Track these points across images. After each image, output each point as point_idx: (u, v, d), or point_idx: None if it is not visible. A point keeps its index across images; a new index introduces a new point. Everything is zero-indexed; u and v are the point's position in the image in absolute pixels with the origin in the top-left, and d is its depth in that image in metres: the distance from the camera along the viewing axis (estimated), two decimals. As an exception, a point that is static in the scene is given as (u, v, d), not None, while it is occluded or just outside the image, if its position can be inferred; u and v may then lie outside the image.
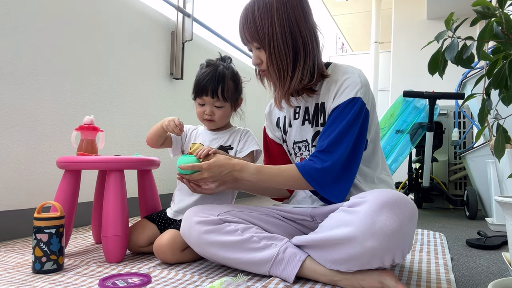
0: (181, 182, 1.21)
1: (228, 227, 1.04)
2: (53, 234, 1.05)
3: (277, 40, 1.04)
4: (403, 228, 0.86)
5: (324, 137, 1.05)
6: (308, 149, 1.16)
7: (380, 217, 0.85)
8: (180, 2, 2.52)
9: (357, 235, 0.86)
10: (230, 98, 1.32)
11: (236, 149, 1.36)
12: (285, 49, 1.04)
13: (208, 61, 1.36)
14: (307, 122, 1.15)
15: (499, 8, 0.77)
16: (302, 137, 1.17)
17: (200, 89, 1.30)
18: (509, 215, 0.94)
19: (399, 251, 0.87)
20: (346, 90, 1.05)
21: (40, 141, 1.68)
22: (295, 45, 1.05)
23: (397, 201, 0.87)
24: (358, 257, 0.87)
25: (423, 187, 2.66)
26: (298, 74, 1.06)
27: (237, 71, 1.38)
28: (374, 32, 5.43)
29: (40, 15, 1.67)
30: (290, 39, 1.04)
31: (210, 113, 1.31)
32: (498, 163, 1.94)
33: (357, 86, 1.05)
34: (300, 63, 1.06)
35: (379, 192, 0.90)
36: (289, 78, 1.07)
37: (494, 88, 0.82)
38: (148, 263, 1.19)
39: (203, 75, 1.30)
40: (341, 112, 1.04)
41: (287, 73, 1.06)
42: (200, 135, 1.41)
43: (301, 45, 1.05)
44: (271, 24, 1.03)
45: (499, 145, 0.88)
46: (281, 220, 1.16)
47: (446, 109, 3.13)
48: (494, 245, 1.53)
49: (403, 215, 0.86)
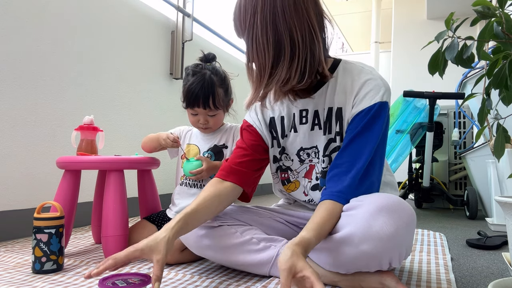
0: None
1: (227, 230, 1.03)
2: (53, 234, 1.05)
3: (256, 32, 0.90)
4: (399, 233, 0.84)
5: (350, 156, 0.94)
6: (318, 156, 1.05)
7: (376, 221, 0.83)
8: (180, 2, 2.52)
9: (353, 238, 0.84)
10: (222, 105, 1.32)
11: (231, 148, 1.37)
12: (263, 42, 0.90)
13: (193, 67, 1.31)
14: (317, 128, 1.04)
15: (499, 8, 0.77)
16: (312, 143, 1.05)
17: (191, 100, 1.28)
18: (509, 215, 0.94)
19: (396, 256, 0.86)
20: (369, 94, 0.95)
21: (40, 141, 1.68)
22: (278, 39, 0.90)
23: (395, 206, 0.85)
24: (355, 261, 0.86)
25: (423, 187, 2.66)
26: (280, 72, 0.91)
27: (224, 72, 1.34)
28: (374, 32, 5.43)
29: (40, 15, 1.67)
30: (271, 32, 0.90)
31: (205, 122, 1.33)
32: (498, 163, 1.94)
33: (381, 88, 0.96)
34: (284, 60, 0.91)
35: (377, 196, 0.88)
36: (267, 76, 0.93)
37: (494, 88, 0.82)
38: (148, 263, 1.19)
39: (192, 85, 1.27)
40: (367, 120, 0.95)
41: (264, 71, 0.92)
42: (194, 136, 1.43)
43: (286, 40, 0.90)
44: (253, 15, 0.91)
45: (499, 145, 0.88)
46: (283, 224, 1.14)
47: (446, 109, 3.13)
48: (494, 245, 1.53)
49: (400, 220, 0.84)
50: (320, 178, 1.05)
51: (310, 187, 1.09)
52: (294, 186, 1.13)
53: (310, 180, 1.08)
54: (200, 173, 1.28)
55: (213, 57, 1.35)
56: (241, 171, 1.05)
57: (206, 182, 1.34)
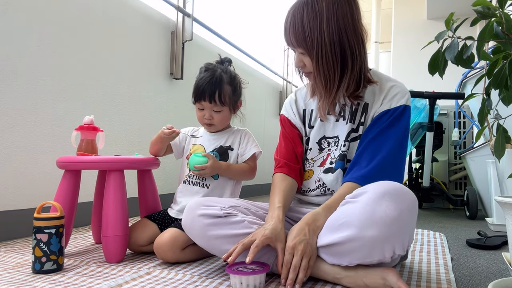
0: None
1: (234, 218, 1.04)
2: (53, 234, 1.05)
3: (326, 50, 1.02)
4: (403, 217, 0.87)
5: (374, 149, 1.05)
6: (337, 144, 1.14)
7: (380, 206, 0.87)
8: (180, 2, 2.52)
9: (357, 224, 0.88)
10: (227, 102, 1.34)
11: (237, 152, 1.38)
12: (333, 59, 1.02)
13: (207, 65, 1.37)
14: (341, 119, 1.14)
15: (499, 8, 0.77)
16: (334, 133, 1.15)
17: (198, 94, 1.32)
18: (509, 215, 0.94)
19: (399, 241, 0.88)
20: (396, 97, 1.08)
21: (40, 141, 1.68)
22: (343, 55, 1.03)
23: (397, 191, 0.89)
24: (359, 248, 0.88)
25: (423, 187, 2.66)
26: (344, 83, 1.05)
27: (235, 74, 1.39)
28: (374, 32, 5.42)
29: (40, 15, 1.67)
30: (338, 48, 1.02)
31: (209, 117, 1.34)
32: (498, 163, 1.94)
33: (406, 94, 1.09)
34: (347, 73, 1.04)
35: (380, 183, 0.92)
36: (336, 88, 1.06)
37: (494, 88, 0.82)
38: (148, 263, 1.19)
39: (201, 80, 1.32)
40: (393, 118, 1.06)
41: (334, 83, 1.05)
42: (200, 137, 1.43)
43: (349, 54, 1.03)
44: (320, 33, 1.01)
45: (499, 145, 0.88)
46: (286, 221, 1.15)
47: (446, 109, 3.13)
48: (494, 245, 1.53)
49: (403, 204, 0.88)
50: (336, 162, 1.13)
51: (322, 171, 1.15)
52: (307, 175, 1.19)
53: (324, 166, 1.15)
54: (203, 170, 1.27)
55: (228, 61, 1.40)
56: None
57: (208, 182, 1.34)
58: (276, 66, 4.16)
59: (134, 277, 1.03)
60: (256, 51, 3.67)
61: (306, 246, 0.94)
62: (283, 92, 4.28)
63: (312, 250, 0.95)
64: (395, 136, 1.06)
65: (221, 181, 1.34)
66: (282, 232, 0.99)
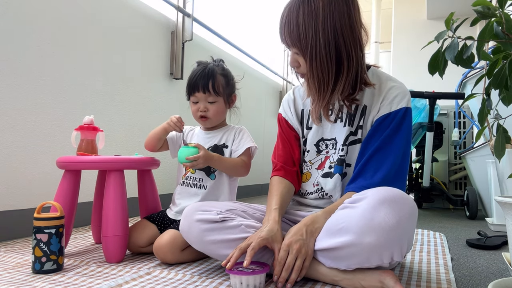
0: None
1: (230, 222, 1.03)
2: (53, 234, 1.05)
3: (320, 51, 0.97)
4: (401, 224, 0.86)
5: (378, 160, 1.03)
6: (335, 147, 1.12)
7: (379, 213, 0.85)
8: (180, 2, 2.52)
9: (355, 230, 0.87)
10: (222, 92, 1.34)
11: (231, 148, 1.37)
12: (327, 61, 0.98)
13: (198, 61, 1.39)
14: (339, 121, 1.12)
15: (499, 8, 0.77)
16: (332, 135, 1.13)
17: (191, 86, 1.33)
18: (509, 215, 0.94)
19: (397, 248, 0.87)
20: (396, 99, 1.05)
21: (40, 141, 1.68)
22: (338, 57, 0.99)
23: (397, 198, 0.88)
24: (357, 254, 0.88)
25: (423, 187, 2.66)
26: (339, 87, 1.01)
27: (228, 69, 1.40)
28: (374, 32, 5.43)
29: (40, 15, 1.67)
30: (334, 50, 0.98)
31: (204, 109, 1.34)
32: (498, 163, 1.94)
33: (406, 95, 1.05)
34: (342, 76, 1.00)
35: (378, 189, 0.91)
36: (329, 91, 1.01)
37: (494, 88, 0.82)
38: (148, 263, 1.19)
39: (194, 73, 1.34)
40: (395, 123, 1.03)
41: (328, 87, 1.01)
42: (196, 136, 1.44)
43: (345, 56, 0.99)
44: (315, 33, 0.97)
45: (499, 145, 0.88)
46: (285, 223, 1.15)
47: (446, 109, 3.13)
48: (494, 245, 1.53)
49: (402, 211, 0.86)
50: (335, 166, 1.11)
51: (321, 175, 1.13)
52: (305, 178, 1.18)
53: (322, 170, 1.14)
54: (196, 160, 1.22)
55: (221, 60, 1.41)
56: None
57: (206, 183, 1.33)
58: (276, 66, 4.16)
59: (134, 277, 1.03)
60: (256, 51, 3.67)
61: (301, 246, 0.93)
62: (283, 92, 4.28)
63: (308, 251, 0.94)
64: (399, 143, 1.03)
65: (218, 181, 1.34)
66: (278, 233, 0.98)
